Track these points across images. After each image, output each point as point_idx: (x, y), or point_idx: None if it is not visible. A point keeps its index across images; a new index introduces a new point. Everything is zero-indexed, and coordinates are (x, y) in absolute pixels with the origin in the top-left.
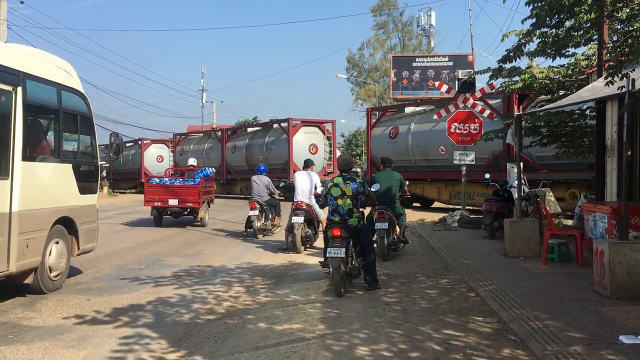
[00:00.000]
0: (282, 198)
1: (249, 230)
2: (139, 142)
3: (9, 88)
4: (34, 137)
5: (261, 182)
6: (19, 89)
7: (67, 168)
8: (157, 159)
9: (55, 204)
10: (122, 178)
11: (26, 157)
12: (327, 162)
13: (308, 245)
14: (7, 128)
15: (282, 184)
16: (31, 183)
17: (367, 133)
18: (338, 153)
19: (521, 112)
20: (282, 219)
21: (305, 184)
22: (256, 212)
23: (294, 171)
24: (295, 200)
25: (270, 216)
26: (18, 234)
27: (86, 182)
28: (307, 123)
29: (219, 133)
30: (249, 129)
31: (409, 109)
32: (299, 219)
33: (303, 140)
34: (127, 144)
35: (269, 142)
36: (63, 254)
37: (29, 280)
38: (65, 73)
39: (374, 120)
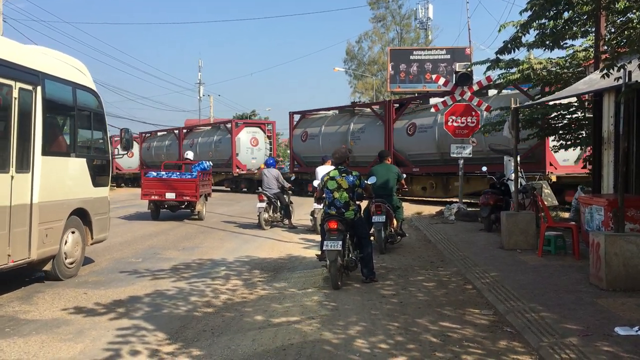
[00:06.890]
0: (292, 188)
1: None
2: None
3: (30, 87)
4: (52, 133)
5: (271, 175)
6: (39, 88)
7: (82, 162)
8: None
9: (71, 195)
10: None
11: (45, 152)
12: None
13: None
14: (28, 125)
15: (292, 178)
16: (50, 176)
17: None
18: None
19: (518, 105)
20: (293, 210)
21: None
22: (263, 205)
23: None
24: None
25: (279, 207)
26: (38, 224)
27: (99, 175)
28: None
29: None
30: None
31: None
32: (318, 205)
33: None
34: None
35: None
36: (78, 243)
37: (47, 267)
38: (79, 72)
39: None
